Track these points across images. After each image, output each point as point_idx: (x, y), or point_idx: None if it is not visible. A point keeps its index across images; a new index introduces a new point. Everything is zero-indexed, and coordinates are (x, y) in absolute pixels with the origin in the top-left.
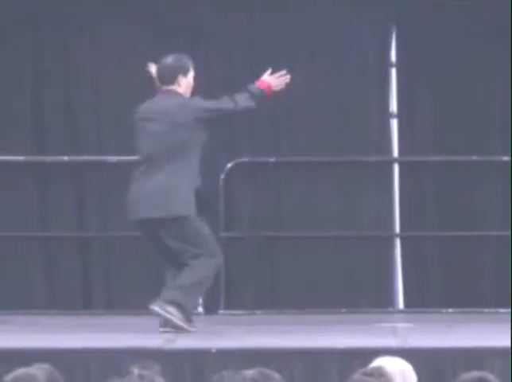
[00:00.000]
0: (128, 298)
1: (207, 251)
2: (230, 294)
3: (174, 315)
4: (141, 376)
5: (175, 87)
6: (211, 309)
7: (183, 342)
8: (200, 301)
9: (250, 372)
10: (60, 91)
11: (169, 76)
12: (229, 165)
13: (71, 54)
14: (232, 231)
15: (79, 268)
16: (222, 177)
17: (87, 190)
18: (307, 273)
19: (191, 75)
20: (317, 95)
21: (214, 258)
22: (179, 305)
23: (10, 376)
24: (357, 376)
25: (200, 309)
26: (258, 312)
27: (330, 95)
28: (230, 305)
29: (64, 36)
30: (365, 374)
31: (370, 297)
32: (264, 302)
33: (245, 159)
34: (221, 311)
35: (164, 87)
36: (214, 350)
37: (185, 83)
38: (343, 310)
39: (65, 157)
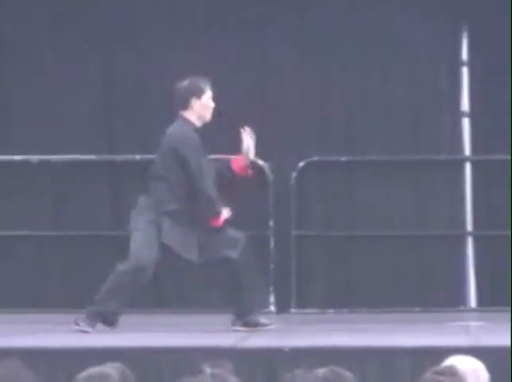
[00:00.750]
0: (200, 297)
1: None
2: (301, 293)
3: None
4: (213, 375)
5: (186, 113)
6: (282, 307)
7: (255, 341)
8: (272, 299)
9: (321, 371)
10: (129, 90)
11: (183, 99)
12: (301, 164)
13: (141, 56)
14: (304, 229)
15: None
16: (293, 175)
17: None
18: (379, 272)
19: (206, 96)
20: (389, 94)
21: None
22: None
23: (83, 374)
24: (429, 374)
25: (272, 308)
26: (330, 311)
27: (401, 95)
28: (302, 304)
29: (136, 37)
30: (437, 373)
31: (442, 295)
32: (336, 300)
33: (316, 158)
34: (293, 310)
35: (179, 112)
36: (286, 349)
37: (199, 106)
38: (416, 309)
39: (137, 156)
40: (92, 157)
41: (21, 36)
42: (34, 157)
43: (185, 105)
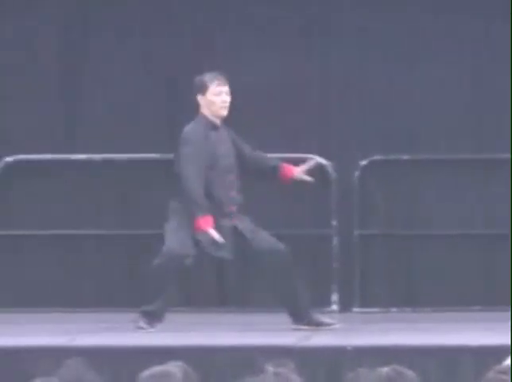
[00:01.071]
0: (262, 296)
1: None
2: (364, 292)
3: None
4: (276, 374)
5: (201, 110)
6: (345, 306)
7: (318, 340)
8: (335, 298)
9: (384, 370)
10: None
11: (195, 99)
12: (363, 162)
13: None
14: (367, 228)
15: (214, 266)
16: (356, 174)
17: None
18: (442, 271)
19: (210, 92)
20: (452, 93)
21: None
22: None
23: (147, 373)
24: (492, 374)
25: (335, 307)
26: (393, 310)
27: (464, 93)
28: (365, 303)
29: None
30: (500, 372)
31: (504, 294)
32: (399, 299)
33: (379, 157)
34: (356, 309)
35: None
36: (349, 348)
37: (205, 102)
38: (478, 308)
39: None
40: (155, 155)
41: (101, 38)
42: (97, 156)
43: (197, 103)
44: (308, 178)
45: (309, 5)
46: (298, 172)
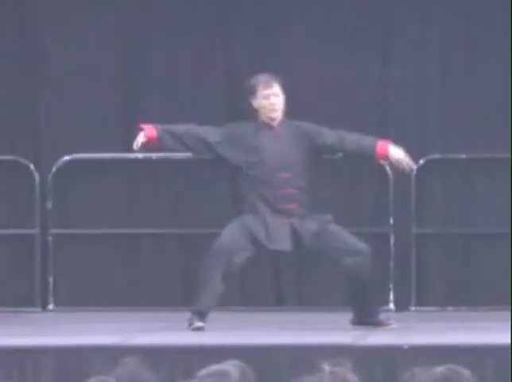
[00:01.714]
0: (319, 295)
1: None
2: (421, 291)
3: None
4: (332, 373)
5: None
6: (402, 305)
7: (374, 339)
8: (392, 297)
9: (440, 369)
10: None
11: (248, 102)
12: (421, 161)
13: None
14: (424, 227)
15: (271, 265)
16: (414, 173)
17: None
18: (499, 269)
19: (260, 95)
20: (507, 91)
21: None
22: None
23: (204, 372)
24: None
25: (392, 306)
26: (450, 308)
27: None
28: (421, 302)
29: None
30: None
31: None
32: (456, 298)
33: (437, 155)
34: (412, 308)
35: None
36: (406, 347)
37: (256, 105)
38: None
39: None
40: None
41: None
42: (154, 155)
43: (251, 106)
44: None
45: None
46: (393, 154)
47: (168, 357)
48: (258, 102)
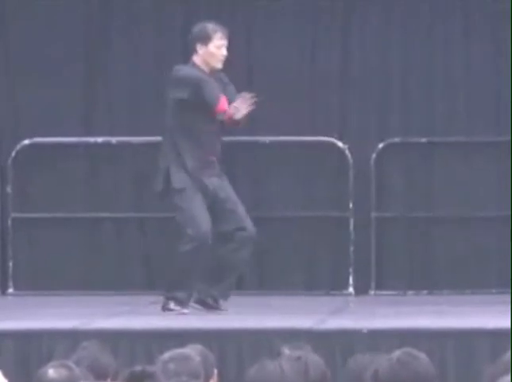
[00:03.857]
0: (279, 278)
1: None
2: (381, 275)
3: None
4: (292, 357)
5: (194, 58)
6: (361, 289)
7: (333, 323)
8: (351, 281)
9: (396, 353)
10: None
11: (191, 44)
12: (380, 145)
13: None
14: (384, 211)
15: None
16: (373, 157)
17: (239, 171)
18: (459, 253)
19: (213, 44)
20: (470, 76)
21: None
22: None
23: (166, 355)
24: (508, 357)
25: (351, 290)
26: (410, 292)
27: (484, 77)
28: (381, 286)
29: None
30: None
31: None
32: (416, 282)
33: (396, 139)
34: (372, 292)
35: (191, 57)
36: (365, 330)
37: (204, 53)
38: (494, 291)
39: None
40: None
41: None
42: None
43: (194, 50)
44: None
45: None
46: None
47: (128, 341)
48: (210, 50)
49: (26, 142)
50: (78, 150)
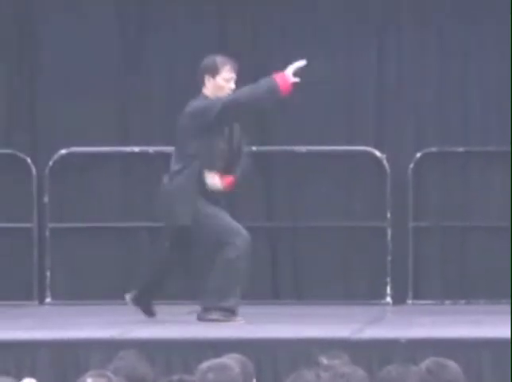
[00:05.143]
0: (316, 288)
1: None
2: (418, 284)
3: None
4: (329, 367)
5: (204, 90)
6: (399, 299)
7: (371, 332)
8: (389, 291)
9: (425, 363)
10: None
11: (200, 76)
12: (418, 155)
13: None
14: (421, 221)
15: (269, 258)
16: (411, 166)
17: (276, 180)
18: (497, 262)
19: (221, 77)
20: (506, 84)
21: None
22: None
23: (205, 365)
24: None
25: (389, 299)
26: (447, 302)
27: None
28: (418, 295)
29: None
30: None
31: None
32: (453, 291)
33: (433, 149)
34: (409, 301)
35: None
36: (403, 340)
37: (212, 85)
38: None
39: (254, 148)
40: None
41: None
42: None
43: (202, 82)
44: None
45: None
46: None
47: (165, 350)
48: (218, 82)
49: (63, 151)
50: (114, 159)
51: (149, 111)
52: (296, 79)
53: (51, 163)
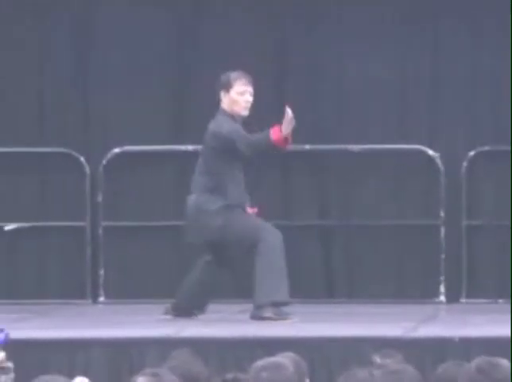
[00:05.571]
0: (369, 287)
1: None
2: (472, 283)
3: None
4: (382, 366)
5: (223, 105)
6: (453, 297)
7: (425, 331)
8: (443, 289)
9: (475, 362)
10: (302, 78)
11: (217, 93)
12: (471, 153)
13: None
14: (475, 219)
15: (322, 257)
16: (464, 165)
17: (329, 179)
18: None
19: (234, 91)
20: None
21: None
22: None
23: (259, 363)
24: None
25: (442, 298)
26: (501, 301)
27: None
28: (472, 294)
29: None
30: None
31: None
32: (507, 290)
33: (487, 148)
34: (463, 300)
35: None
36: (456, 339)
37: (228, 100)
38: None
39: (307, 146)
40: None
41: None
42: None
43: (219, 98)
44: None
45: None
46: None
47: (219, 349)
48: (232, 97)
49: (116, 150)
50: (167, 157)
51: (202, 110)
52: (289, 133)
53: (104, 162)
